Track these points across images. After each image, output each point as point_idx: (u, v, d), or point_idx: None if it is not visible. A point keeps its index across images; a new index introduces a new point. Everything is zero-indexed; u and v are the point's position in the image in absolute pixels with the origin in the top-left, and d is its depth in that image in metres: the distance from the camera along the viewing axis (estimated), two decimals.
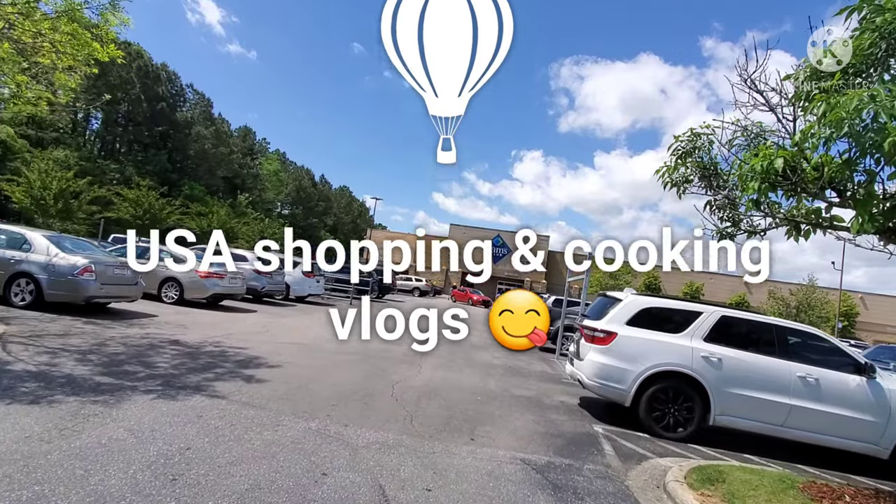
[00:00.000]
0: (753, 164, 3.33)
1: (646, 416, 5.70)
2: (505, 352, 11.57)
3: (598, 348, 6.00)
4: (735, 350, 5.78)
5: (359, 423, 4.55)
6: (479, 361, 9.56)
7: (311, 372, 6.40)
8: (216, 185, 63.73)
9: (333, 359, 7.58)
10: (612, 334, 5.94)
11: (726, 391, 5.66)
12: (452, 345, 11.35)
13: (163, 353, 6.24)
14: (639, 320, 6.01)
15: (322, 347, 8.47)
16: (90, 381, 4.61)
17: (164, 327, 8.27)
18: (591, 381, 5.96)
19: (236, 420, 4.11)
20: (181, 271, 11.70)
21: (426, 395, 6.05)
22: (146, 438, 3.45)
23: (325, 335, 10.06)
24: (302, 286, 17.69)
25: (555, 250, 61.17)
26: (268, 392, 5.12)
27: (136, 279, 9.39)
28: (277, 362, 6.65)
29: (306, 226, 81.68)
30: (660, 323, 6.03)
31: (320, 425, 4.30)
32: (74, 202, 24.29)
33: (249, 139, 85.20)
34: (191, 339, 7.43)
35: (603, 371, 5.88)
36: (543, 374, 9.28)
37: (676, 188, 4.82)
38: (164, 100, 53.62)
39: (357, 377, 6.50)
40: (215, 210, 34.41)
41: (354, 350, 8.64)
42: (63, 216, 23.70)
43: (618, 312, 6.11)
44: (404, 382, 6.61)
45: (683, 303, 6.17)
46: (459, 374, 7.91)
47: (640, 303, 6.12)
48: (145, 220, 27.42)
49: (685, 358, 5.72)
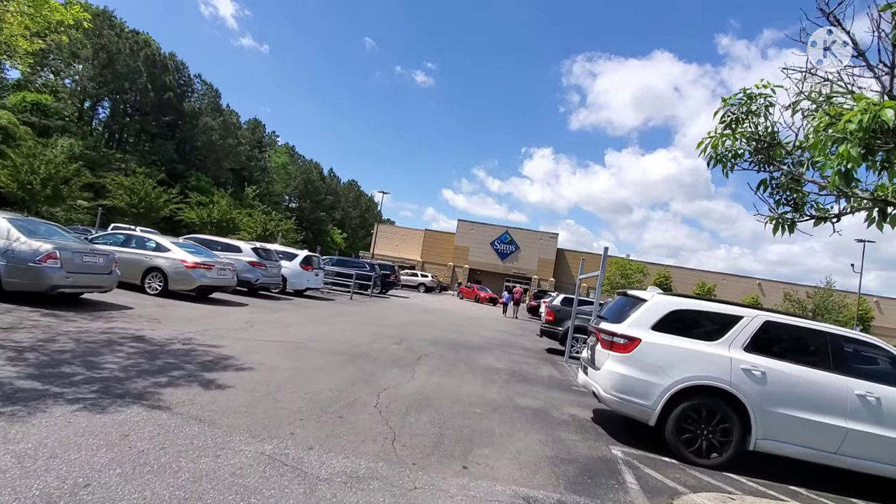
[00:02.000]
0: (848, 118, 2.43)
1: (674, 439, 4.82)
2: (510, 355, 10.71)
3: (617, 356, 5.12)
4: (781, 362, 4.88)
5: (327, 444, 3.73)
6: (482, 365, 8.72)
7: (287, 376, 5.59)
8: (224, 177, 63.40)
9: (317, 360, 6.77)
10: (634, 340, 5.06)
11: (770, 411, 4.77)
12: (454, 346, 10.55)
13: (117, 352, 5.47)
14: (666, 325, 5.13)
15: (307, 346, 7.68)
16: (7, 387, 3.84)
17: (135, 321, 7.53)
18: (608, 394, 5.09)
19: (171, 441, 3.31)
20: (166, 261, 11.00)
21: (416, 407, 5.21)
22: (36, 470, 2.66)
23: (315, 332, 9.28)
24: (300, 279, 16.95)
25: (563, 248, 60.10)
26: (226, 402, 4.32)
27: (110, 268, 8.66)
28: (250, 364, 5.86)
29: (314, 219, 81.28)
30: (691, 328, 5.14)
31: (277, 448, 3.49)
32: (64, 188, 23.65)
33: (259, 132, 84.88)
34: (158, 336, 6.67)
35: (623, 383, 5.01)
36: (551, 380, 8.42)
37: (722, 164, 3.92)
38: (171, 89, 53.21)
39: (339, 382, 5.68)
40: (216, 200, 33.72)
41: (344, 350, 7.85)
42: (51, 202, 23.08)
43: (641, 315, 5.22)
44: (393, 390, 5.78)
45: (719, 305, 5.26)
46: (458, 380, 7.07)
47: (669, 304, 5.23)
48: (140, 209, 26.76)
49: (722, 370, 4.83)
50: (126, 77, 47.65)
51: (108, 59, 46.80)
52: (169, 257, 11.05)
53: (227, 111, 66.73)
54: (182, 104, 55.25)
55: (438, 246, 59.21)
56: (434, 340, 10.91)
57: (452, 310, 23.53)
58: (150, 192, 26.90)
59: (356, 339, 9.17)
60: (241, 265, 14.20)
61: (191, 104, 57.81)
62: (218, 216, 31.57)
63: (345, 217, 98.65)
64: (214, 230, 29.46)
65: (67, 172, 23.27)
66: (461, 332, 13.66)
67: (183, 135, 56.17)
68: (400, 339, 10.26)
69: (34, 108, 44.41)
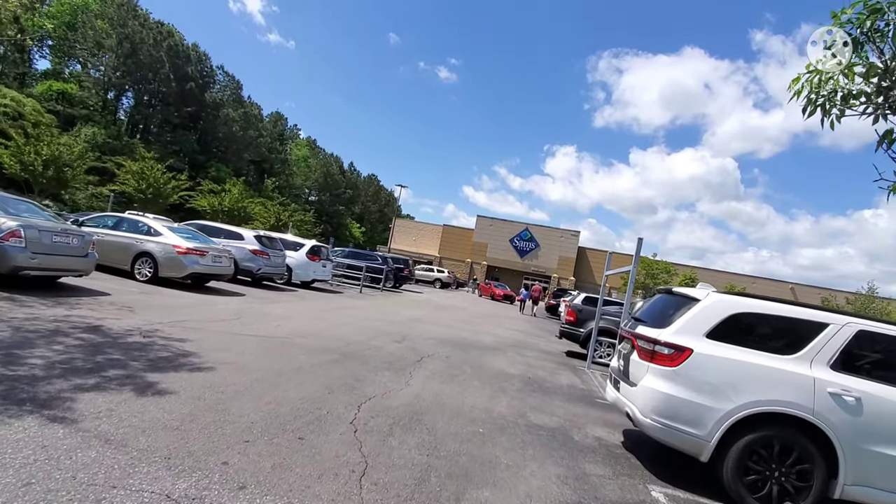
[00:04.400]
0: None
1: (735, 481, 3.69)
2: (525, 358, 9.63)
3: (660, 370, 4.01)
4: (881, 385, 3.71)
5: (268, 482, 2.76)
6: (491, 370, 7.67)
7: (253, 379, 4.66)
8: (244, 169, 63.60)
9: (299, 359, 5.84)
10: (683, 351, 3.95)
11: (865, 449, 3.60)
12: (462, 346, 9.53)
13: (56, 344, 4.62)
14: (725, 332, 3.99)
15: (293, 343, 6.76)
16: None
17: (103, 309, 6.72)
18: (648, 419, 3.99)
19: (45, 474, 2.38)
20: (156, 245, 10.26)
21: (404, 424, 4.21)
22: None
23: (308, 327, 8.38)
24: (305, 270, 16.16)
25: (585, 246, 58.35)
26: (155, 414, 3.40)
27: (86, 250, 7.91)
28: (213, 363, 4.95)
29: (332, 212, 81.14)
30: (759, 337, 4.00)
31: (192, 488, 2.53)
32: (68, 170, 23.34)
33: (280, 125, 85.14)
34: (119, 326, 5.83)
35: (668, 406, 3.90)
36: (571, 389, 7.32)
37: (824, 111, 2.78)
38: (193, 80, 53.39)
39: (315, 389, 4.72)
40: (228, 188, 33.26)
41: (335, 347, 6.91)
42: (56, 185, 22.77)
43: (693, 318, 4.09)
44: (380, 400, 4.79)
45: (797, 308, 4.08)
46: (462, 387, 6.04)
47: (730, 305, 4.08)
48: (148, 195, 26.37)
49: (802, 394, 3.68)
50: (149, 67, 47.88)
51: (132, 48, 47.10)
52: (160, 242, 10.31)
53: (249, 103, 66.87)
54: (204, 95, 55.37)
55: (457, 242, 58.22)
56: (441, 339, 9.90)
57: (466, 306, 22.49)
58: (158, 177, 26.49)
59: (353, 336, 8.23)
60: (241, 253, 13.47)
61: (212, 95, 57.95)
62: (229, 205, 31.14)
63: (364, 211, 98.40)
64: (226, 219, 29.05)
65: (72, 155, 22.95)
66: (473, 331, 12.62)
67: (204, 126, 56.38)
68: (403, 336, 9.29)
69: (60, 97, 45.00)
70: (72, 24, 49.40)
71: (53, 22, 49.38)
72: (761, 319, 4.04)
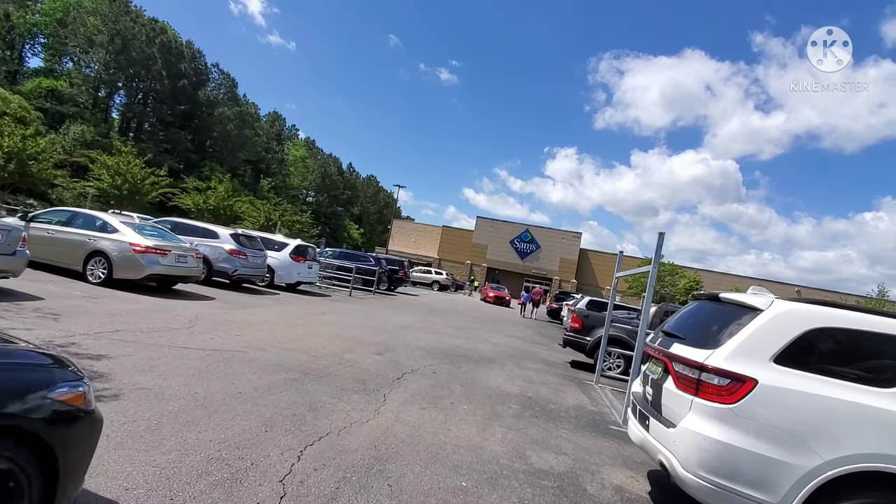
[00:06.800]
0: None
1: None
2: (525, 371, 8.50)
3: (710, 409, 2.90)
4: None
5: None
6: (486, 388, 6.55)
7: (163, 414, 3.54)
8: (240, 168, 62.52)
9: (244, 380, 4.72)
10: (744, 382, 2.83)
11: None
12: (454, 358, 8.39)
13: None
14: (802, 355, 2.88)
15: (246, 358, 5.64)
16: None
17: (20, 316, 5.61)
18: (694, 476, 2.86)
19: None
20: (110, 243, 9.16)
21: (357, 481, 3.09)
22: None
23: (274, 336, 7.27)
24: (289, 272, 15.04)
25: (587, 248, 57.27)
26: None
27: (13, 247, 6.80)
28: (122, 389, 3.84)
29: (330, 214, 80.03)
30: (852, 364, 2.89)
31: None
32: (33, 164, 22.09)
33: (278, 125, 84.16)
34: (27, 338, 4.68)
35: (724, 460, 2.79)
36: (580, 412, 6.19)
37: None
38: (186, 77, 52.35)
39: (248, 426, 3.60)
40: (213, 185, 31.90)
41: (298, 363, 5.78)
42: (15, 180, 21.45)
43: (754, 336, 2.98)
44: (334, 439, 3.67)
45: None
46: (446, 415, 4.91)
47: (807, 318, 2.96)
48: (123, 191, 25.04)
49: None
50: (141, 64, 46.82)
51: (123, 45, 46.03)
52: (115, 239, 9.20)
53: (245, 102, 65.83)
54: (197, 93, 54.24)
55: (456, 243, 57.16)
56: (431, 349, 8.78)
57: (464, 310, 21.35)
58: (136, 173, 25.07)
59: (325, 348, 7.12)
60: (216, 253, 12.37)
61: (206, 93, 56.87)
62: (215, 203, 29.88)
63: (363, 212, 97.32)
64: (211, 218, 27.84)
65: (37, 147, 21.68)
66: (468, 338, 11.50)
67: (199, 124, 55.30)
68: (386, 347, 8.17)
69: (49, 94, 44.00)
70: (63, 21, 48.43)
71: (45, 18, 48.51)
72: (855, 338, 2.92)
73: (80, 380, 1.89)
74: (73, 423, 1.80)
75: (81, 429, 1.85)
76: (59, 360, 1.96)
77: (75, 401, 1.81)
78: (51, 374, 1.81)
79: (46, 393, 1.70)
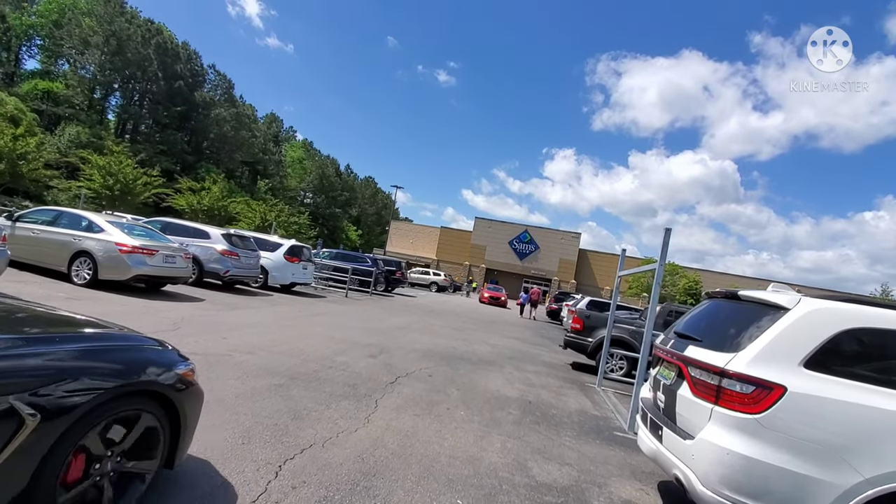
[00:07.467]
0: None
1: None
2: (525, 373, 8.20)
3: (733, 419, 2.60)
4: None
5: None
6: (484, 392, 6.24)
7: None
8: (236, 170, 62.17)
9: (225, 386, 4.42)
10: (771, 389, 2.54)
11: None
12: (452, 360, 8.08)
13: None
14: (834, 359, 2.59)
15: (231, 361, 5.33)
16: None
17: None
18: (715, 495, 2.57)
19: None
20: (96, 243, 8.85)
21: (339, 499, 2.78)
22: None
23: (264, 339, 6.96)
24: (283, 273, 14.72)
25: (586, 249, 57.04)
26: None
27: None
28: None
29: (328, 215, 79.73)
30: (890, 368, 2.59)
31: None
32: (22, 163, 21.73)
33: (276, 126, 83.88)
34: None
35: (750, 476, 2.49)
36: (583, 417, 5.89)
37: None
38: (182, 78, 52.01)
39: (223, 438, 3.30)
40: (207, 186, 31.49)
41: (286, 367, 5.48)
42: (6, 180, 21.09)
43: (780, 338, 2.68)
44: (318, 451, 3.37)
45: None
46: (441, 422, 4.61)
47: (838, 318, 2.67)
48: (115, 192, 24.65)
49: None
50: (136, 65, 46.48)
51: (119, 46, 45.70)
52: (101, 239, 8.89)
53: (241, 103, 65.49)
54: (194, 94, 53.86)
55: (455, 244, 56.88)
56: (427, 351, 8.47)
57: (462, 311, 21.03)
58: (128, 173, 24.67)
59: (316, 350, 6.81)
60: (207, 254, 12.07)
61: (203, 94, 56.51)
62: (209, 203, 29.52)
63: (361, 214, 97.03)
64: (205, 219, 27.47)
65: (27, 146, 21.31)
66: (466, 340, 11.20)
67: (195, 125, 54.95)
68: (380, 349, 7.86)
69: (45, 96, 43.66)
70: (59, 22, 48.10)
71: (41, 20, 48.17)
72: (893, 338, 2.63)
73: (187, 360, 2.42)
74: (188, 392, 2.33)
75: (194, 397, 2.39)
76: (166, 344, 2.45)
77: (189, 375, 2.36)
78: (173, 355, 2.37)
79: (174, 369, 2.27)
